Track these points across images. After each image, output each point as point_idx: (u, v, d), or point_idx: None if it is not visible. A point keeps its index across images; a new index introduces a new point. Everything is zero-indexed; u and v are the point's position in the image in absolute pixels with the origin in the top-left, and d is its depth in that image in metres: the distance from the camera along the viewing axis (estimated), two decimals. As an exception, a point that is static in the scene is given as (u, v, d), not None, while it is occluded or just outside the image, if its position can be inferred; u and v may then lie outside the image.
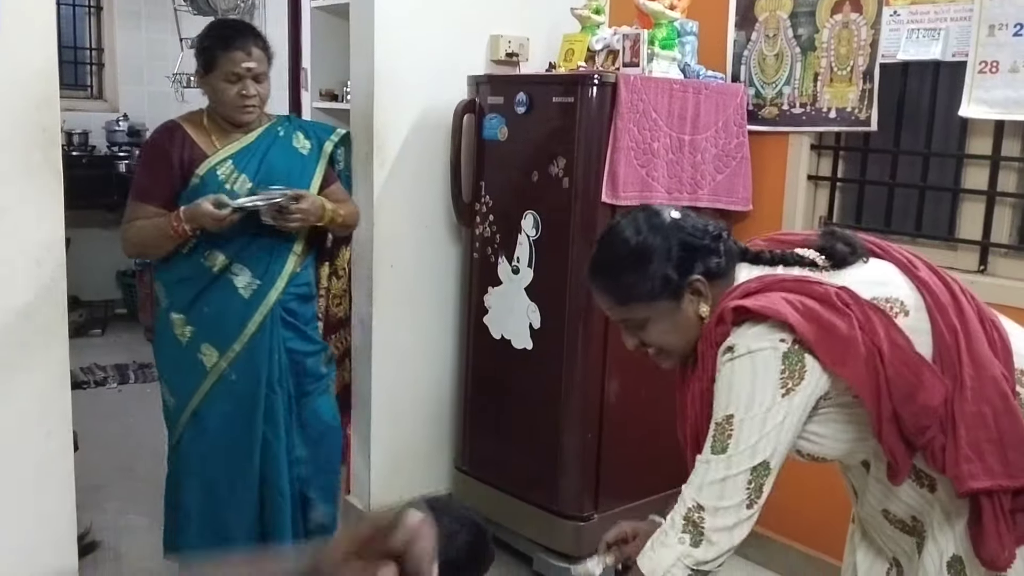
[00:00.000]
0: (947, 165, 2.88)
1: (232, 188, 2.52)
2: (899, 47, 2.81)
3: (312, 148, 2.71)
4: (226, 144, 2.57)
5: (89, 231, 5.69)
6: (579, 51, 3.15)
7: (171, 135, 2.56)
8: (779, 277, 1.53)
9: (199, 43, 2.56)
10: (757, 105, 3.18)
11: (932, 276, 1.55)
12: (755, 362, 1.44)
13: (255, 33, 2.59)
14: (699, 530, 1.44)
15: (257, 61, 2.52)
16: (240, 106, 2.52)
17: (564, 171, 2.88)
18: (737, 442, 1.44)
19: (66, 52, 6.00)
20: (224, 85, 2.50)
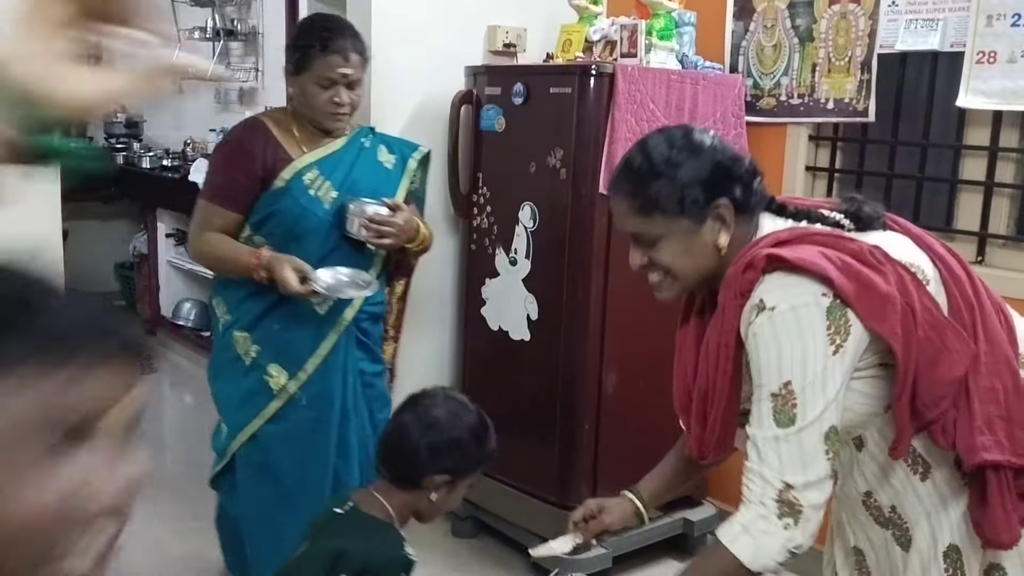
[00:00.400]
0: (945, 156, 2.88)
1: (317, 195, 2.34)
2: (897, 37, 2.80)
3: (396, 163, 2.53)
4: (312, 149, 2.38)
5: (87, 223, 5.69)
6: (577, 42, 3.14)
7: (254, 134, 2.37)
8: (811, 230, 1.48)
9: (294, 39, 2.38)
10: (755, 96, 3.18)
11: (947, 252, 1.54)
12: (799, 319, 1.37)
13: (355, 35, 2.36)
14: (797, 510, 1.37)
15: (354, 67, 2.32)
16: (331, 113, 2.34)
17: (562, 162, 2.88)
18: (804, 412, 1.37)
19: (63, 44, 5.99)
20: (316, 89, 2.31)
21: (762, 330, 1.39)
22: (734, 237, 1.49)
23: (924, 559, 1.52)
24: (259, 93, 5.53)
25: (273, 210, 2.33)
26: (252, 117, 2.48)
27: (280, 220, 2.33)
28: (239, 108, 5.70)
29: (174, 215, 5.56)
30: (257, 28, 5.51)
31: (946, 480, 1.50)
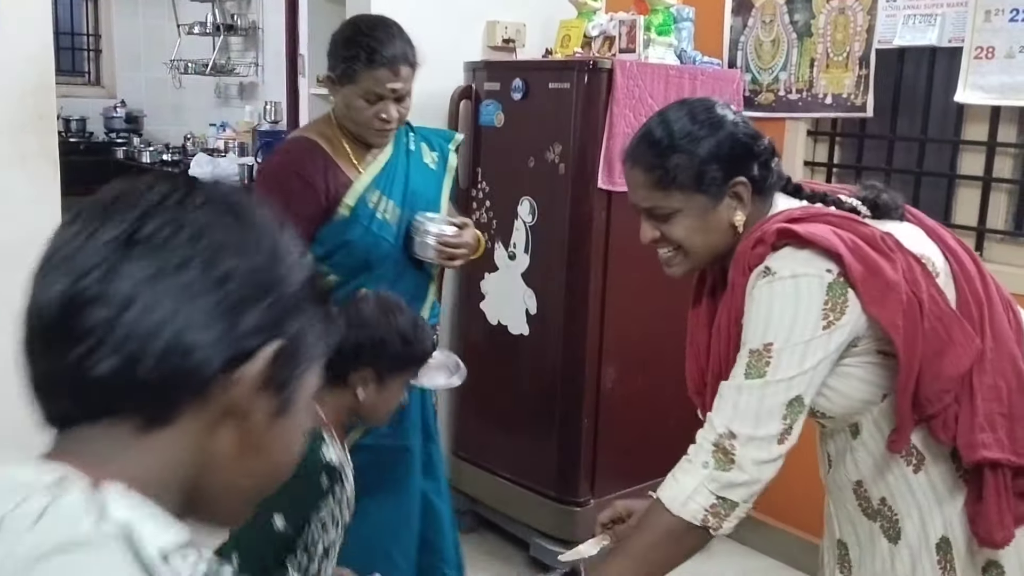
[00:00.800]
0: (943, 151, 2.88)
1: (384, 218, 2.16)
2: (895, 33, 2.80)
3: (438, 161, 2.36)
4: (366, 164, 2.19)
5: (87, 218, 5.69)
6: (575, 37, 3.14)
7: (311, 157, 2.12)
8: (824, 211, 1.47)
9: (337, 46, 2.12)
10: (753, 91, 3.18)
11: (960, 247, 1.53)
12: (799, 287, 1.37)
13: (406, 42, 2.13)
14: (729, 457, 1.36)
15: (404, 80, 2.10)
16: (376, 129, 2.13)
17: (560, 157, 2.89)
18: (775, 370, 1.37)
19: (63, 38, 5.99)
20: (361, 104, 2.08)
21: (760, 292, 1.40)
22: (749, 216, 1.49)
23: (914, 551, 1.52)
24: (259, 88, 5.54)
25: (343, 240, 2.13)
26: (299, 136, 2.21)
27: (351, 251, 2.14)
28: (239, 103, 5.71)
29: (174, 210, 5.56)
30: (257, 23, 5.52)
31: (941, 475, 1.49)
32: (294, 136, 2.23)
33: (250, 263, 0.67)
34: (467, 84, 3.21)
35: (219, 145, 5.41)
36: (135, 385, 0.64)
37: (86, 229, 0.67)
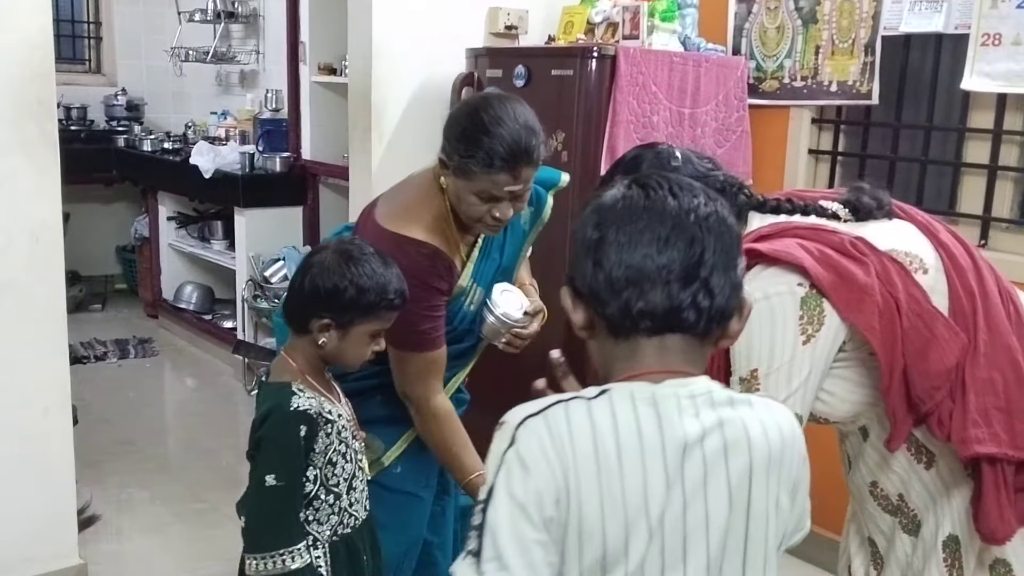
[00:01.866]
0: (948, 139, 2.86)
1: (470, 309, 2.01)
2: (901, 19, 2.78)
3: (530, 216, 2.09)
4: (466, 245, 1.99)
5: (88, 206, 5.69)
6: (578, 23, 3.12)
7: (434, 266, 1.89)
8: (793, 224, 1.49)
9: (454, 136, 1.82)
10: (758, 78, 3.16)
11: (953, 240, 1.53)
12: (772, 307, 1.39)
13: (530, 138, 1.79)
14: None
15: (524, 181, 1.82)
16: (488, 225, 1.89)
17: (563, 144, 2.87)
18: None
19: (64, 26, 5.96)
20: (473, 199, 1.83)
21: None
22: None
23: (927, 547, 1.52)
24: (260, 76, 5.51)
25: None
26: (425, 243, 1.88)
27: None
28: (240, 91, 5.68)
29: (175, 198, 5.55)
30: (258, 10, 5.48)
31: (951, 469, 1.49)
32: (405, 237, 1.88)
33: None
34: (469, 71, 3.19)
35: (220, 133, 5.38)
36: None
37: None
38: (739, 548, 0.99)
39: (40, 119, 2.46)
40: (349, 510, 1.73)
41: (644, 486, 0.96)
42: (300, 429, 1.61)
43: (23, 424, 2.56)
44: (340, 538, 1.72)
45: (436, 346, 1.93)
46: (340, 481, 1.70)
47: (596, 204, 1.06)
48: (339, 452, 1.69)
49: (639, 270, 0.99)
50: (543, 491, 0.95)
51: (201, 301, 5.39)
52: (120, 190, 6.03)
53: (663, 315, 0.99)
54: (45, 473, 2.63)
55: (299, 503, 1.64)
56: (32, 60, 2.42)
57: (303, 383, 1.68)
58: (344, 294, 1.65)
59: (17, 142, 2.43)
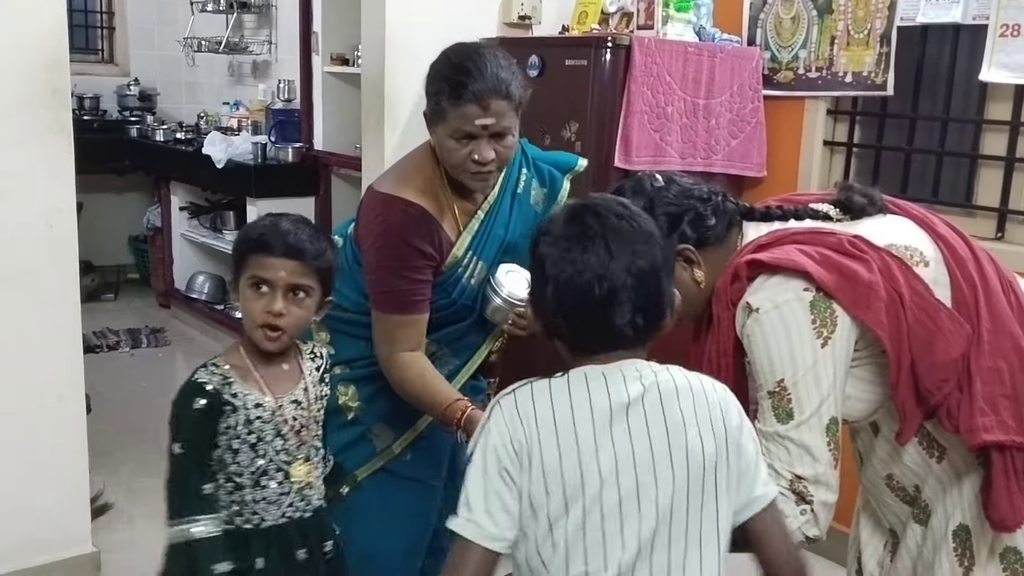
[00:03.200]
0: (965, 130, 2.84)
1: (469, 283, 1.97)
2: (918, 10, 2.76)
3: (545, 199, 2.09)
4: (465, 218, 1.96)
5: (101, 196, 5.70)
6: (592, 13, 3.11)
7: (419, 226, 1.89)
8: (790, 230, 1.50)
9: (428, 82, 1.88)
10: (773, 69, 3.14)
11: (950, 232, 1.54)
12: (783, 315, 1.40)
13: (500, 69, 1.82)
14: (808, 500, 1.39)
15: (497, 115, 1.80)
16: (472, 173, 1.86)
17: (576, 135, 2.86)
18: (800, 406, 1.39)
19: (77, 16, 5.97)
20: (452, 144, 1.83)
21: (752, 332, 1.42)
22: (713, 261, 1.53)
23: (936, 538, 1.52)
24: (272, 66, 5.51)
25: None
26: (404, 199, 1.90)
27: (431, 314, 1.96)
28: (252, 81, 5.68)
29: (188, 188, 5.56)
30: (270, 0, 5.48)
31: (962, 460, 1.49)
32: (396, 195, 1.91)
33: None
34: (482, 61, 3.18)
35: (232, 124, 5.38)
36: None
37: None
38: (683, 485, 1.18)
39: (55, 108, 2.46)
40: (253, 506, 1.65)
41: (594, 435, 1.18)
42: (196, 401, 1.59)
43: (37, 412, 2.57)
44: (236, 529, 1.64)
45: (413, 310, 1.90)
46: (244, 472, 1.63)
47: (547, 238, 1.24)
48: (245, 441, 1.62)
49: (583, 305, 1.20)
50: (508, 449, 1.19)
51: (213, 291, 5.40)
52: (133, 180, 6.04)
53: (606, 339, 1.22)
54: (59, 461, 2.64)
55: (204, 475, 1.61)
56: (47, 48, 2.42)
57: (234, 361, 1.64)
58: (236, 247, 1.67)
59: (32, 130, 2.43)
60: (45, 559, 2.63)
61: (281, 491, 1.68)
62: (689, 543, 1.19)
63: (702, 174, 2.98)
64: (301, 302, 1.63)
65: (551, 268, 1.22)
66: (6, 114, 2.39)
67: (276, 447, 1.66)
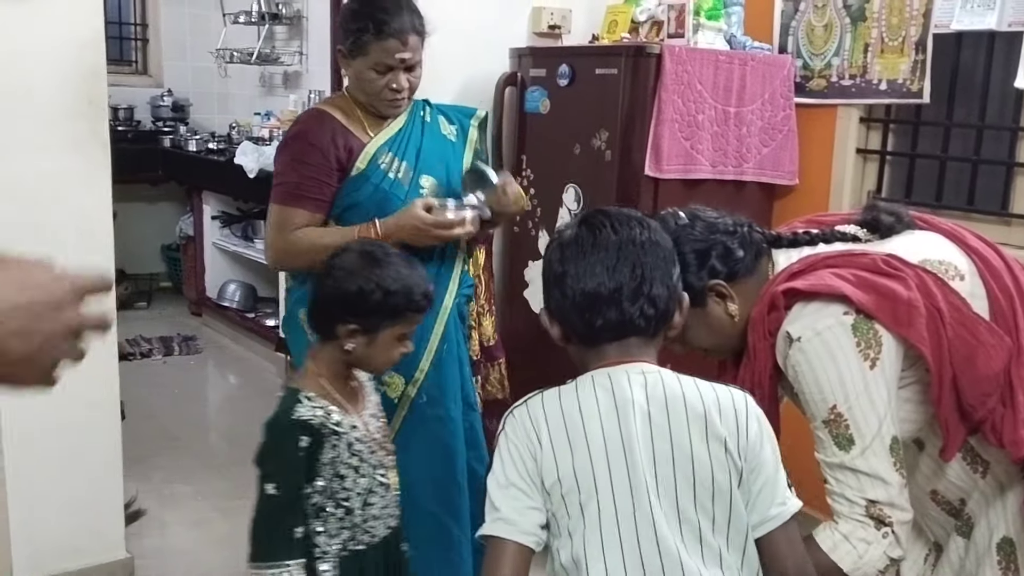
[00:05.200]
0: (1001, 138, 2.80)
1: (397, 178, 2.18)
2: (953, 17, 2.73)
3: (457, 134, 2.35)
4: (378, 131, 2.21)
5: (134, 205, 5.77)
6: (623, 22, 3.11)
7: (320, 124, 2.17)
8: (822, 255, 1.49)
9: (346, 20, 2.16)
10: (805, 77, 3.12)
11: (982, 244, 1.52)
12: (826, 341, 1.38)
13: (413, 10, 2.15)
14: (888, 523, 1.38)
15: (412, 50, 2.12)
16: (388, 100, 2.16)
17: (607, 144, 2.86)
18: (859, 431, 1.37)
19: (111, 28, 6.05)
20: (372, 75, 2.12)
21: (797, 363, 1.41)
22: (745, 293, 1.51)
23: (979, 551, 1.51)
24: (303, 77, 5.56)
25: (354, 201, 2.16)
26: (312, 108, 2.30)
27: (362, 210, 2.16)
28: (283, 92, 5.73)
29: (220, 197, 5.61)
30: (302, 12, 5.53)
31: (1006, 473, 1.48)
32: (307, 110, 2.30)
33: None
34: (512, 71, 3.19)
35: (264, 134, 5.43)
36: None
37: None
38: (688, 484, 1.22)
39: (92, 118, 2.49)
40: (363, 526, 1.66)
41: (602, 433, 1.23)
42: (300, 439, 1.56)
43: (73, 419, 2.60)
44: (352, 554, 1.65)
45: (298, 204, 2.13)
46: (352, 496, 1.63)
47: (557, 243, 1.34)
48: (349, 466, 1.63)
49: (595, 295, 1.28)
50: (522, 452, 1.25)
51: (244, 299, 5.44)
52: (165, 190, 6.11)
53: (618, 326, 1.28)
54: (94, 467, 2.67)
55: (297, 517, 1.57)
56: (85, 59, 2.46)
57: (317, 390, 1.63)
58: (370, 297, 1.61)
59: (70, 140, 2.47)
60: (79, 564, 2.66)
61: (383, 504, 1.70)
62: (705, 550, 1.20)
63: (733, 183, 2.98)
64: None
65: (566, 266, 1.30)
66: (46, 124, 2.43)
67: (372, 463, 1.68)
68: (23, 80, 2.39)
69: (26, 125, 2.41)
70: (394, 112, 2.22)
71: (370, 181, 2.16)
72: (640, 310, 1.27)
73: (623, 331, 1.28)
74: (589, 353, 1.32)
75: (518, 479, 1.24)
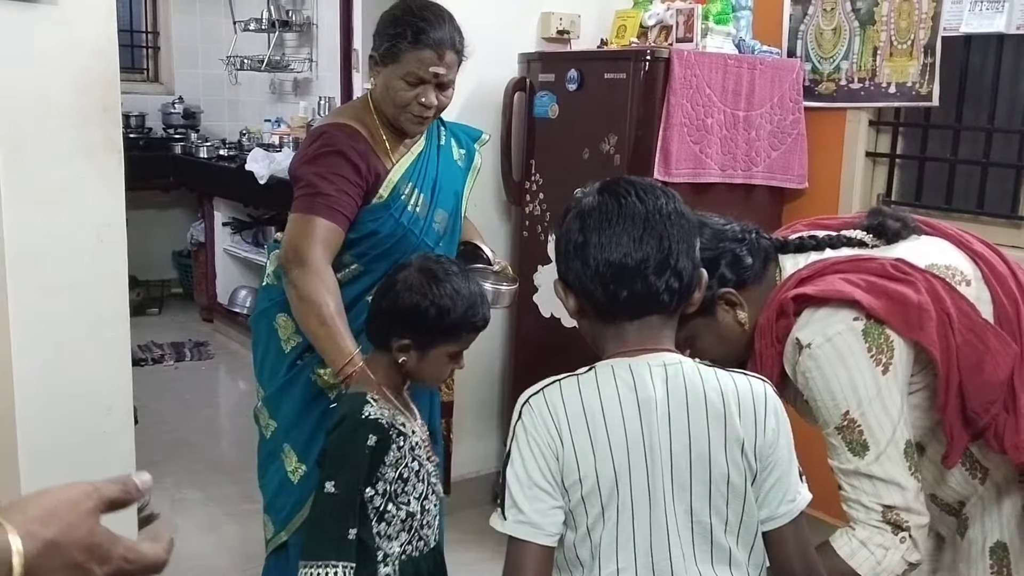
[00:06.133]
0: (1011, 141, 2.80)
1: (416, 212, 2.09)
2: (962, 20, 2.73)
3: (464, 159, 2.28)
4: (399, 155, 2.11)
5: (146, 212, 5.80)
6: (631, 27, 3.11)
7: (354, 141, 2.04)
8: (831, 260, 1.48)
9: (384, 25, 2.06)
10: (814, 80, 3.12)
11: (987, 249, 1.53)
12: (837, 347, 1.38)
13: (455, 28, 2.07)
14: (905, 527, 1.38)
15: (448, 67, 2.02)
16: (414, 115, 2.04)
17: (616, 148, 2.86)
18: (873, 436, 1.38)
19: (123, 35, 6.08)
20: (401, 85, 2.00)
21: (808, 369, 1.41)
22: (753, 299, 1.51)
23: (973, 553, 1.53)
24: (313, 84, 5.59)
25: (372, 230, 2.06)
26: (339, 123, 2.10)
27: (378, 240, 2.06)
28: (293, 99, 5.76)
29: (230, 204, 5.64)
30: (312, 19, 5.56)
31: (1005, 479, 1.49)
32: (331, 123, 2.11)
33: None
34: (521, 76, 3.20)
35: (274, 140, 5.47)
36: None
37: None
38: (704, 487, 1.20)
39: (105, 125, 2.51)
40: (420, 532, 1.68)
41: (624, 431, 1.19)
42: (369, 438, 1.58)
43: (88, 423, 2.61)
44: (408, 559, 1.66)
45: (327, 214, 1.97)
46: (411, 500, 1.65)
47: (578, 211, 1.27)
48: (411, 469, 1.65)
49: (621, 266, 1.21)
50: (544, 450, 1.21)
51: (255, 305, 5.45)
52: (177, 196, 6.14)
53: (643, 300, 1.22)
54: (108, 471, 2.67)
55: (352, 518, 1.57)
56: (98, 67, 2.47)
57: (379, 395, 1.66)
58: (426, 314, 1.63)
59: (83, 147, 2.48)
60: (93, 568, 2.67)
61: (435, 512, 1.73)
62: (715, 551, 1.21)
63: (742, 186, 2.98)
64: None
65: (589, 234, 1.23)
66: (59, 131, 2.45)
67: (428, 469, 1.70)
68: (38, 87, 2.40)
69: (41, 131, 2.43)
70: (417, 130, 2.11)
71: (391, 213, 2.06)
72: (666, 283, 1.21)
73: (646, 306, 1.23)
74: (606, 330, 1.26)
75: (541, 479, 1.21)
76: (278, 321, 2.12)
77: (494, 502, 1.27)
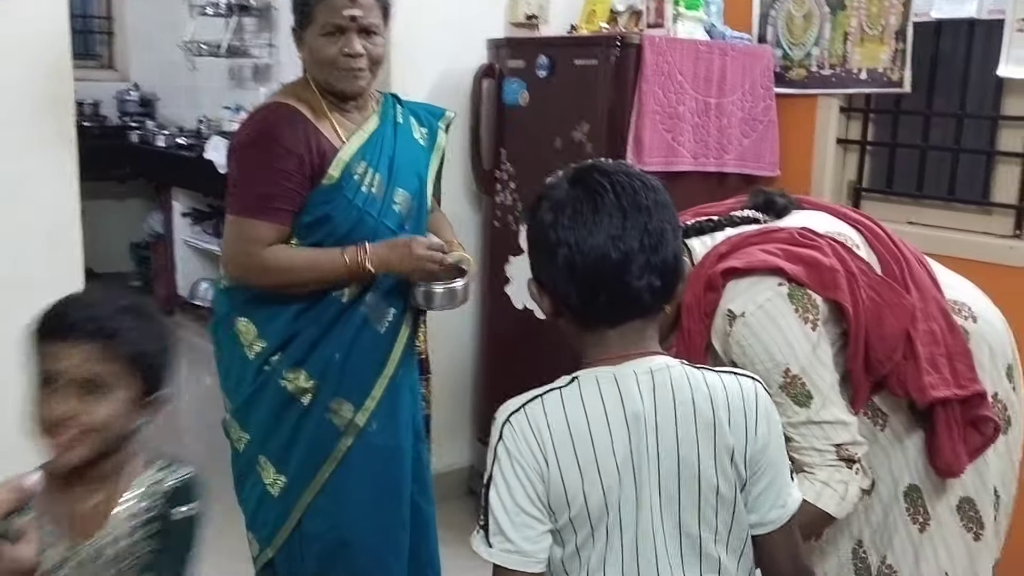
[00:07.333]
0: (982, 127, 2.80)
1: (371, 192, 1.98)
2: (932, 5, 2.73)
3: (427, 138, 2.16)
4: (350, 132, 1.99)
5: (102, 203, 5.66)
6: (601, 12, 3.07)
7: (293, 126, 1.91)
8: (744, 234, 1.57)
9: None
10: (785, 67, 3.10)
11: (863, 217, 1.69)
12: (769, 312, 1.46)
13: None
14: (856, 459, 1.48)
15: (365, 8, 1.90)
16: (344, 69, 1.91)
17: (588, 136, 2.82)
18: (816, 386, 1.47)
19: (76, 21, 5.93)
20: (323, 42, 1.90)
21: (743, 337, 1.48)
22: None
23: (885, 502, 1.63)
24: (273, 69, 5.47)
25: (325, 214, 1.94)
26: (275, 102, 1.99)
27: (334, 226, 1.95)
28: (253, 85, 5.64)
29: (190, 194, 5.52)
30: (271, 3, 5.44)
31: (903, 424, 1.61)
32: (269, 102, 2.00)
33: None
34: (490, 62, 3.14)
35: (233, 128, 5.35)
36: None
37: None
38: (692, 500, 1.16)
39: (58, 116, 2.42)
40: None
41: (612, 450, 1.14)
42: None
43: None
44: None
45: (262, 214, 1.90)
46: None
47: (549, 205, 1.17)
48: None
49: (598, 269, 1.13)
50: (529, 473, 1.14)
51: (217, 297, 5.36)
52: (134, 186, 6.01)
53: (623, 304, 1.15)
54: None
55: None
56: (49, 57, 2.38)
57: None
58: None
59: (35, 139, 2.39)
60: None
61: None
62: (705, 562, 1.19)
63: (715, 175, 2.96)
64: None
65: (562, 232, 1.14)
66: (9, 123, 2.36)
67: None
68: (-15, 76, 2.31)
69: (-11, 123, 2.34)
70: (353, 86, 1.96)
71: (344, 195, 1.95)
72: (648, 284, 1.13)
73: (626, 310, 1.16)
74: (588, 337, 1.19)
75: (528, 504, 1.15)
76: (238, 326, 2.01)
77: (470, 496, 1.23)
